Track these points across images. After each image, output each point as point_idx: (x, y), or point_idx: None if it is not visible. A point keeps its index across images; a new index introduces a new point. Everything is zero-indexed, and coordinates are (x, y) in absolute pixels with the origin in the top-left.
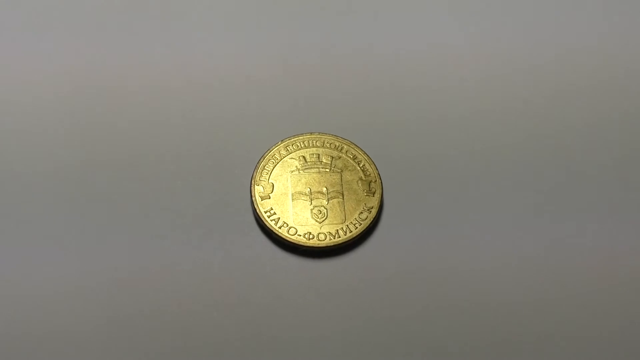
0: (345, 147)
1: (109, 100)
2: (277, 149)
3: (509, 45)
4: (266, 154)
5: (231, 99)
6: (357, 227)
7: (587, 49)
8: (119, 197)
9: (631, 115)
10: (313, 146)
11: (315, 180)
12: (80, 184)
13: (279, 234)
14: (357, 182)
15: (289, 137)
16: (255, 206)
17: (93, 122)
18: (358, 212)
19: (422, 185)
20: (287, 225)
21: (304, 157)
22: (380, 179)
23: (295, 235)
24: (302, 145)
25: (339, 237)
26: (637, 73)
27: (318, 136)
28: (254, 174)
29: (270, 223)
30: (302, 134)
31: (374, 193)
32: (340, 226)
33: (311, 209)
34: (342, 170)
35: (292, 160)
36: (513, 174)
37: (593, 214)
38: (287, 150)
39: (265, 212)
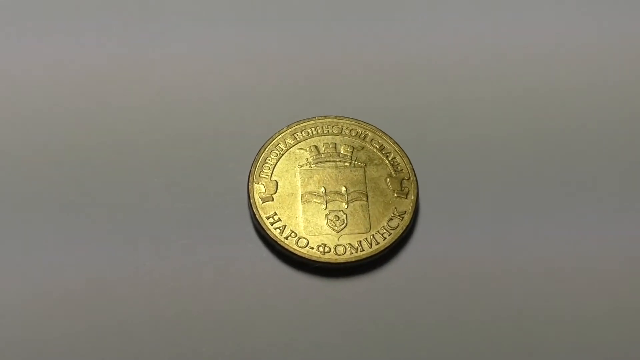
0: (369, 134)
1: (92, 88)
2: (282, 136)
3: (557, 22)
4: (268, 143)
5: (224, 75)
6: (385, 238)
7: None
8: (89, 199)
9: None
10: (328, 133)
11: (331, 178)
12: (66, 183)
13: (285, 246)
14: (385, 179)
15: (297, 122)
16: (255, 210)
17: (76, 113)
18: (387, 219)
19: (467, 184)
20: (296, 234)
21: (316, 147)
22: (414, 175)
23: (306, 247)
24: (314, 132)
25: (362, 250)
26: None
27: (335, 120)
28: (253, 169)
29: (273, 232)
30: (313, 118)
31: (406, 194)
32: (364, 236)
33: (326, 215)
34: (365, 165)
35: (302, 151)
36: (575, 164)
37: None
38: (295, 138)
39: (268, 218)
